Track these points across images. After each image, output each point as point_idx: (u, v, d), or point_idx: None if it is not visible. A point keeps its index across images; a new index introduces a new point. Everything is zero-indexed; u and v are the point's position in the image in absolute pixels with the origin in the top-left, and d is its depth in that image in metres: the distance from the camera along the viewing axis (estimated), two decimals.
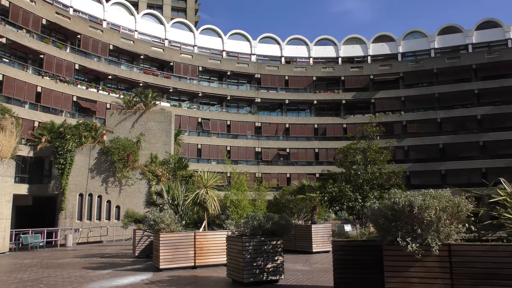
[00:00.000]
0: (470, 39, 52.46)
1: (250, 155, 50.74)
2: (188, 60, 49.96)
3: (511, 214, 7.13)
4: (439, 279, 6.82)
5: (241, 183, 16.69)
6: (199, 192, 13.39)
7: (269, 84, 53.13)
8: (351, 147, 10.14)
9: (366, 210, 7.78)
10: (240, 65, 52.79)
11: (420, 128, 50.60)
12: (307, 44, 56.61)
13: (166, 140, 30.94)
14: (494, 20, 52.56)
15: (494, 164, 46.26)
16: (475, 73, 50.08)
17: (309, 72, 54.07)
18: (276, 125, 52.59)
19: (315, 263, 13.90)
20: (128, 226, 21.30)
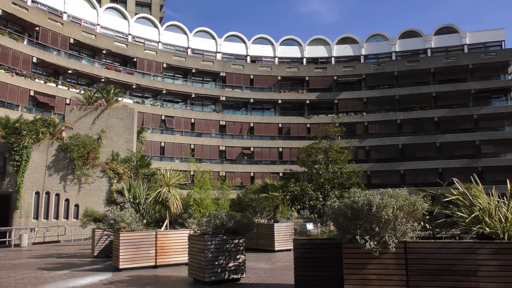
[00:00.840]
0: (429, 43, 54.32)
1: (214, 153, 50.56)
2: (152, 56, 49.17)
3: (464, 212, 7.43)
4: (395, 275, 7.03)
5: (204, 182, 16.60)
6: (161, 190, 13.21)
7: (234, 82, 53.10)
8: (313, 146, 10.28)
9: (326, 209, 7.91)
10: (205, 63, 52.47)
11: (381, 129, 51.95)
12: (273, 44, 56.94)
13: (128, 138, 30.32)
14: (451, 26, 54.65)
15: (449, 164, 48.14)
16: (433, 76, 51.90)
17: (274, 71, 54.42)
18: (240, 123, 52.62)
19: (277, 262, 14.01)
20: (87, 225, 20.75)
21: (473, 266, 6.74)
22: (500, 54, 50.69)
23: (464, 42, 53.41)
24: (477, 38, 53.41)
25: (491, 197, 7.50)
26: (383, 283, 7.06)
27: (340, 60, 56.48)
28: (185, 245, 11.59)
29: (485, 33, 53.67)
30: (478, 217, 7.14)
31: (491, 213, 7.13)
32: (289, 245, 16.74)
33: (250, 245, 17.40)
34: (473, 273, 6.73)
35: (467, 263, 6.77)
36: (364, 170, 49.16)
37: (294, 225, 18.97)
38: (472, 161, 48.00)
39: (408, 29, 55.79)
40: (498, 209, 7.20)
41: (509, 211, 7.10)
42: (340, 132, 10.78)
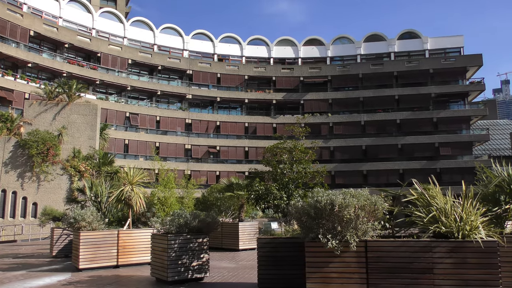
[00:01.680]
0: (393, 47, 55.78)
1: (180, 152, 50.06)
2: (117, 52, 48.12)
3: (422, 212, 7.69)
4: (356, 273, 7.19)
5: (169, 180, 16.42)
6: (124, 189, 12.96)
7: (201, 80, 52.74)
8: (278, 146, 10.37)
9: (290, 208, 8.00)
10: (171, 60, 51.85)
11: (345, 130, 52.92)
12: (240, 43, 56.93)
13: (91, 134, 29.56)
14: (414, 31, 56.35)
15: (410, 165, 49.63)
16: (396, 79, 53.33)
17: (241, 71, 54.43)
18: (207, 122, 52.33)
19: (241, 260, 14.04)
20: (46, 224, 20.09)
21: (429, 264, 6.99)
22: (459, 60, 52.67)
23: (425, 48, 55.18)
24: (438, 44, 55.32)
25: (447, 197, 7.79)
26: (344, 281, 7.20)
27: (307, 61, 57.14)
28: (148, 244, 11.44)
29: (445, 40, 55.66)
30: (435, 217, 7.40)
31: (447, 213, 7.41)
32: (253, 244, 16.81)
33: (215, 244, 17.35)
34: (429, 270, 6.98)
35: (423, 261, 7.01)
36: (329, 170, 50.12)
37: (258, 224, 19.05)
38: (431, 163, 49.67)
39: (373, 33, 57.10)
40: (454, 209, 7.48)
41: (464, 211, 7.40)
42: (305, 132, 10.91)
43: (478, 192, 8.79)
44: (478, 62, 52.00)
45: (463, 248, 6.94)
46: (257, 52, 57.30)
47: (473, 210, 7.44)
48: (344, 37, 57.97)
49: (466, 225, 7.17)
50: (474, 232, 7.10)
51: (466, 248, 6.93)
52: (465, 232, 7.10)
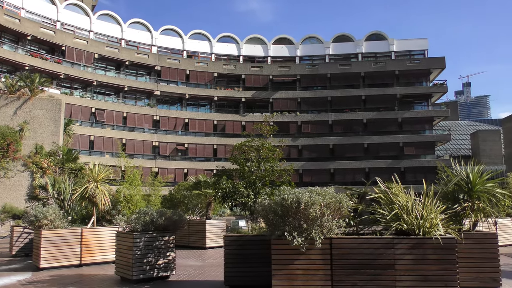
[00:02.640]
0: (360, 48, 56.82)
1: (147, 149, 49.33)
2: (82, 45, 46.88)
3: (385, 210, 7.89)
4: (321, 270, 7.30)
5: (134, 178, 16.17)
6: (88, 186, 12.67)
7: (169, 77, 52.10)
8: (246, 144, 10.39)
9: (257, 206, 8.04)
10: (139, 56, 50.97)
11: (313, 128, 53.54)
12: (210, 40, 56.60)
13: (54, 130, 28.70)
14: (380, 33, 57.57)
15: (376, 164, 50.74)
16: (363, 80, 54.35)
17: (211, 68, 54.13)
18: (175, 119, 51.78)
19: (207, 258, 14.00)
20: (5, 222, 19.39)
21: (391, 260, 7.19)
22: (423, 62, 54.21)
23: (391, 49, 56.49)
24: (403, 46, 56.73)
25: (409, 196, 8.03)
26: (309, 277, 7.31)
27: (276, 60, 57.41)
28: (113, 242, 11.23)
29: (410, 42, 57.14)
30: (397, 215, 7.62)
31: (408, 211, 7.63)
32: (220, 242, 16.77)
33: (181, 242, 17.24)
34: (391, 266, 7.17)
35: (386, 257, 7.20)
36: (297, 169, 50.65)
37: (226, 222, 19.04)
38: (396, 162, 50.94)
39: (341, 34, 57.95)
40: (415, 207, 7.72)
41: (425, 209, 7.64)
42: (272, 130, 10.98)
43: (438, 190, 9.11)
44: (441, 65, 53.67)
45: (423, 245, 7.17)
46: (226, 50, 57.12)
47: (433, 208, 7.70)
48: (313, 37, 58.59)
49: (427, 222, 7.42)
50: (434, 229, 7.35)
51: (426, 245, 7.16)
52: (425, 229, 7.34)
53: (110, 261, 12.04)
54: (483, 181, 8.83)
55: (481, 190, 8.78)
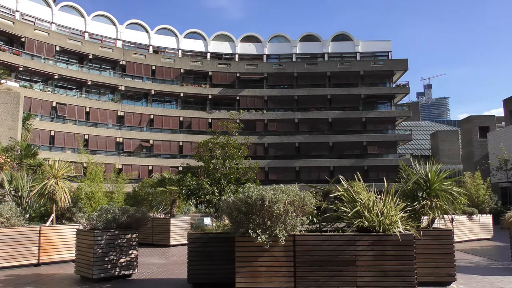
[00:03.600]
0: (327, 48, 57.63)
1: (111, 145, 48.27)
2: (43, 37, 45.28)
3: (347, 207, 8.05)
4: (284, 267, 7.37)
5: (96, 174, 15.79)
6: (47, 182, 12.27)
7: (135, 72, 51.13)
8: (211, 141, 10.35)
9: (221, 204, 8.02)
10: (104, 50, 49.75)
11: (280, 127, 53.91)
12: (177, 35, 55.95)
13: (12, 124, 27.60)
14: (347, 34, 58.58)
15: (340, 162, 51.66)
16: (329, 80, 55.15)
17: (177, 64, 53.52)
18: (140, 115, 50.89)
19: (171, 256, 13.86)
20: None
21: (352, 257, 7.34)
22: (387, 63, 55.57)
23: (357, 50, 57.61)
24: (368, 47, 57.96)
25: (371, 193, 8.22)
26: (272, 274, 7.36)
27: (244, 58, 57.40)
28: (73, 241, 10.93)
29: (375, 43, 58.44)
30: (359, 212, 7.78)
31: (370, 208, 7.81)
32: (185, 239, 16.58)
33: (145, 240, 17.00)
34: (352, 263, 7.32)
35: (347, 254, 7.35)
36: (262, 166, 50.83)
37: (191, 219, 18.89)
38: (359, 160, 52.04)
39: (308, 33, 58.58)
40: (376, 205, 7.91)
41: (385, 207, 7.84)
42: (238, 128, 10.98)
43: (399, 189, 9.37)
44: (404, 67, 55.17)
45: (383, 241, 7.36)
46: (194, 46, 56.63)
47: (393, 206, 7.91)
48: (281, 36, 58.94)
49: (387, 219, 7.61)
50: (394, 226, 7.55)
51: (386, 241, 7.35)
52: (386, 226, 7.54)
53: (70, 260, 11.71)
54: (440, 179, 9.15)
55: (439, 188, 9.10)
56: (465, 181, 21.01)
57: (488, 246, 16.36)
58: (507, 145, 29.51)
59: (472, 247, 15.95)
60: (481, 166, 28.71)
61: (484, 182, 21.12)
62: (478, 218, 18.58)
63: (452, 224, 14.41)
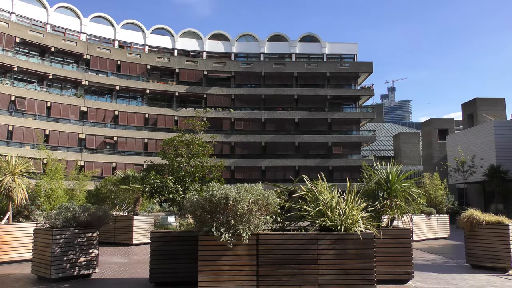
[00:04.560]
0: (294, 49, 58.13)
1: (73, 141, 46.88)
2: (2, 28, 43.42)
3: (310, 207, 8.16)
4: (247, 265, 7.40)
5: (57, 171, 15.33)
6: (4, 179, 11.81)
7: (99, 67, 49.84)
8: (176, 139, 10.24)
9: (185, 202, 7.96)
10: (67, 43, 48.23)
11: (246, 126, 53.96)
12: (144, 31, 54.99)
13: None
14: (314, 35, 59.28)
15: (306, 162, 52.26)
16: (296, 80, 55.65)
17: (144, 60, 52.59)
18: (104, 111, 49.67)
19: (134, 255, 13.65)
20: None
21: (315, 255, 7.45)
22: (353, 66, 56.61)
23: (324, 52, 58.40)
24: (335, 49, 58.87)
25: (333, 193, 8.37)
26: (235, 273, 7.37)
27: (212, 56, 57.10)
28: (30, 239, 10.57)
29: (341, 46, 59.41)
30: (321, 211, 7.92)
31: (332, 208, 7.96)
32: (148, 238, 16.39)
33: (107, 239, 16.69)
34: (314, 261, 7.44)
35: (310, 252, 7.46)
36: (228, 165, 50.75)
37: (155, 218, 18.65)
38: (324, 161, 52.80)
39: (276, 33, 58.90)
40: (339, 204, 8.06)
41: (347, 206, 8.01)
42: (203, 126, 10.91)
43: (361, 189, 9.58)
44: (369, 69, 56.37)
45: (345, 240, 7.52)
46: (161, 42, 55.82)
47: (355, 206, 8.09)
48: (249, 35, 59.00)
49: (348, 219, 7.78)
50: (355, 225, 7.73)
51: (347, 240, 7.51)
52: (347, 225, 7.70)
53: (27, 259, 11.33)
54: (400, 180, 9.42)
55: (399, 189, 9.37)
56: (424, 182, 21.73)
57: (444, 245, 16.98)
58: (464, 147, 30.72)
59: (430, 245, 16.52)
60: (440, 167, 29.76)
61: (442, 183, 21.93)
62: (436, 217, 19.26)
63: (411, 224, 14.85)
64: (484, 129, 33.02)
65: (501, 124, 31.86)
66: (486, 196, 33.81)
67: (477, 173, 29.68)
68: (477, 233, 10.69)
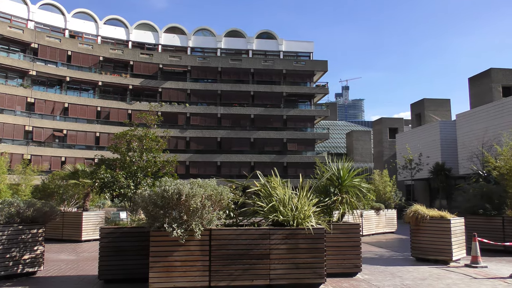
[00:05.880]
0: (251, 45, 58.23)
1: (18, 133, 44.68)
2: None
3: (264, 202, 8.24)
4: (199, 261, 7.37)
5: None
6: None
7: (48, 57, 47.73)
8: (128, 133, 10.00)
9: (137, 197, 7.81)
10: (13, 30, 45.78)
11: (202, 121, 53.58)
12: (96, 21, 53.20)
13: None
14: (271, 32, 59.63)
15: (261, 158, 52.62)
16: (252, 76, 55.83)
17: (96, 51, 50.89)
18: (53, 103, 47.67)
19: (82, 252, 13.24)
20: None
21: (267, 250, 7.54)
22: (308, 64, 57.50)
23: (280, 49, 58.90)
24: (291, 47, 59.53)
25: (286, 189, 8.49)
26: (187, 269, 7.32)
27: (167, 49, 56.15)
28: None
29: (298, 44, 60.17)
30: (274, 207, 8.01)
31: (285, 203, 8.07)
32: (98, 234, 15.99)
33: (54, 235, 16.12)
34: (266, 256, 7.52)
35: (262, 247, 7.53)
36: (183, 160, 50.25)
37: (106, 213, 18.16)
38: (279, 157, 53.39)
39: (234, 29, 58.77)
40: (291, 200, 8.19)
41: (299, 202, 8.14)
42: (157, 120, 10.73)
43: (314, 184, 9.78)
44: (324, 68, 57.45)
45: (296, 235, 7.65)
46: (114, 33, 54.22)
47: (307, 201, 8.24)
48: (206, 29, 58.49)
49: (301, 214, 7.92)
50: (307, 220, 7.88)
51: (299, 235, 7.65)
52: (299, 220, 7.83)
53: None
54: (351, 176, 9.69)
55: (349, 184, 9.64)
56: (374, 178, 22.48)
57: (391, 239, 17.66)
58: (412, 146, 32.01)
59: (378, 240, 17.13)
60: (389, 165, 30.85)
61: (391, 180, 22.78)
62: (384, 213, 20.00)
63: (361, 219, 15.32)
64: (430, 129, 34.56)
65: (446, 124, 33.45)
66: (431, 192, 35.46)
67: (424, 170, 31.02)
68: (421, 227, 11.19)
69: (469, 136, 28.29)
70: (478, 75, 33.25)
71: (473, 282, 8.71)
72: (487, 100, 30.45)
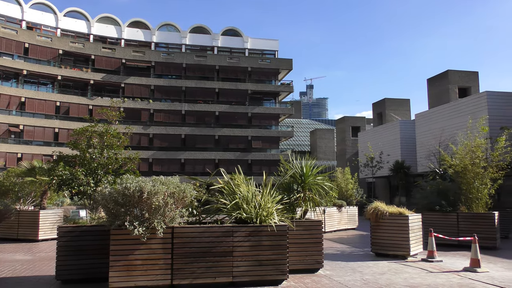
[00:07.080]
0: (217, 42, 57.91)
1: None
2: None
3: (227, 200, 8.22)
4: (161, 259, 7.27)
5: None
6: None
7: (3, 49, 45.70)
8: (88, 129, 9.73)
9: (97, 195, 7.62)
10: None
11: (166, 117, 52.85)
12: (56, 13, 51.40)
13: None
14: (236, 29, 59.51)
15: (225, 156, 52.51)
16: (217, 73, 55.55)
17: (55, 44, 49.18)
18: (8, 97, 45.70)
19: (39, 252, 12.79)
20: None
21: (230, 248, 7.53)
22: (273, 62, 57.78)
23: (246, 46, 58.88)
24: (257, 44, 59.63)
25: (250, 186, 8.50)
26: (148, 267, 7.21)
27: (131, 44, 54.99)
28: None
29: (263, 42, 60.33)
30: (237, 204, 8.01)
31: (248, 201, 8.09)
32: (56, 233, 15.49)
33: (9, 235, 15.53)
34: (229, 253, 7.52)
35: (225, 245, 7.52)
36: (147, 158, 49.46)
37: (65, 212, 17.61)
38: (244, 154, 53.45)
39: (199, 25, 58.25)
40: (255, 197, 8.21)
41: (263, 199, 8.18)
42: (118, 116, 10.49)
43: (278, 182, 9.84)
44: (289, 66, 57.91)
45: (260, 232, 7.68)
46: (75, 26, 52.58)
47: (270, 198, 8.29)
48: (170, 25, 57.68)
49: (264, 211, 7.95)
50: (270, 217, 7.93)
51: (262, 232, 7.69)
52: (263, 217, 7.87)
53: None
54: (314, 174, 9.82)
55: (312, 182, 9.76)
56: (337, 176, 22.89)
57: (353, 235, 18.04)
58: (374, 144, 32.82)
59: (340, 236, 17.46)
60: (352, 162, 31.52)
61: (353, 177, 23.26)
62: (346, 210, 20.40)
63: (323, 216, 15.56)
64: (391, 128, 35.52)
65: (406, 123, 34.48)
66: (391, 190, 36.48)
67: (384, 168, 31.87)
68: (381, 223, 11.48)
69: (427, 135, 29.27)
70: (436, 76, 34.42)
71: (429, 275, 9.03)
72: (445, 100, 31.60)
